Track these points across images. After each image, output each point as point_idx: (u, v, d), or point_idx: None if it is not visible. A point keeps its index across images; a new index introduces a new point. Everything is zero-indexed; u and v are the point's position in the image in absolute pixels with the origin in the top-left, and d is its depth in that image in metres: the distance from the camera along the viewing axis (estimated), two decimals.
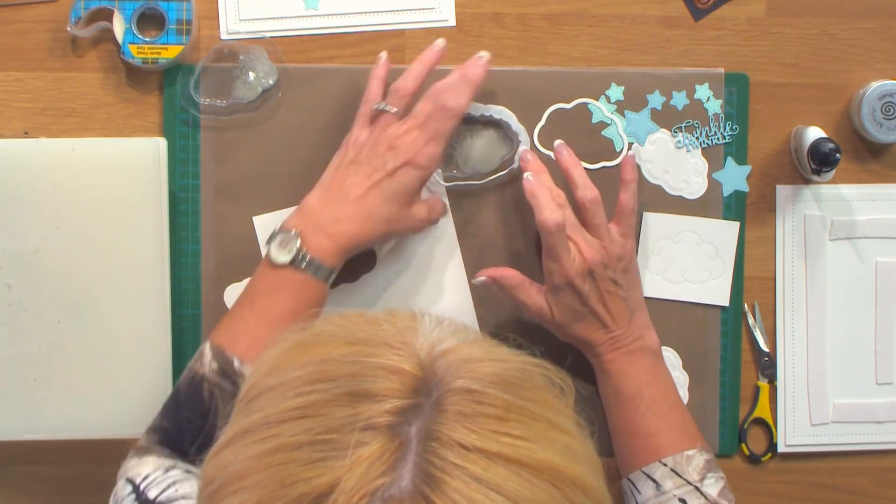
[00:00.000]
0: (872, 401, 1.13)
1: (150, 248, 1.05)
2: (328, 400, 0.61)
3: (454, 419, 0.60)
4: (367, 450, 0.58)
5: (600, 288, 1.01)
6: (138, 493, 0.87)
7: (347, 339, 0.65)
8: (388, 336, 0.65)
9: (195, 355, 0.97)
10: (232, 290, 1.09)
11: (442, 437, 0.59)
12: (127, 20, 1.06)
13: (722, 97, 1.10)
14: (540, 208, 0.99)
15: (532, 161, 1.05)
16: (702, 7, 1.11)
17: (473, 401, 0.61)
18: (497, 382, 0.62)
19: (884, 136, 1.10)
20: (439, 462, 0.58)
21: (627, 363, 1.02)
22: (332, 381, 0.61)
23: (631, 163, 1.05)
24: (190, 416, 0.93)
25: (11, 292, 1.03)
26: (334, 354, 0.64)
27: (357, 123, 1.03)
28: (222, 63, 1.09)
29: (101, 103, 1.09)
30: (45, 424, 1.04)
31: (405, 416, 0.60)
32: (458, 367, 0.63)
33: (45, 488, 1.11)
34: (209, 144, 1.09)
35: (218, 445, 0.65)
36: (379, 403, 0.60)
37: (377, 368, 0.62)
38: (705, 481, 0.97)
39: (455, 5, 1.10)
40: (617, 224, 1.03)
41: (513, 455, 0.60)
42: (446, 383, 0.61)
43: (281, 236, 0.97)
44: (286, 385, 0.63)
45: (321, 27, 1.10)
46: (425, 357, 0.63)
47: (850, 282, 1.13)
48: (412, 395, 0.61)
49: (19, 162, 1.03)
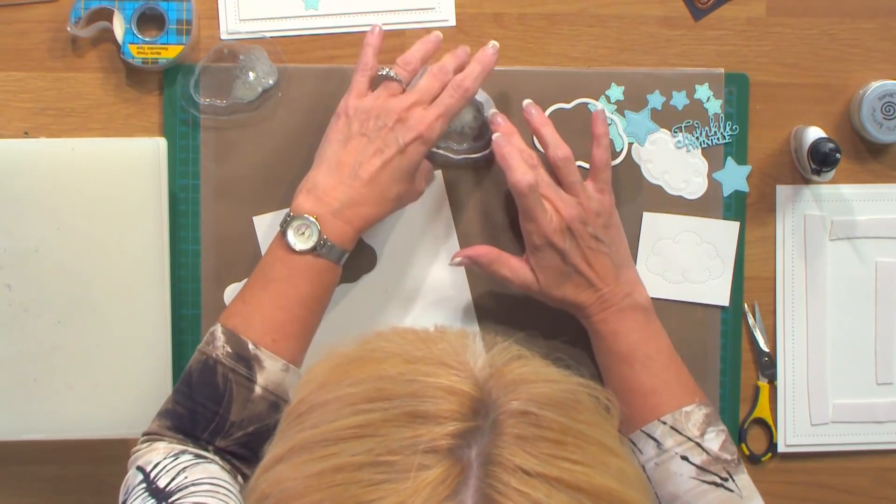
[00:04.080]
0: (872, 401, 1.13)
1: (150, 248, 1.05)
2: (387, 420, 0.61)
3: (513, 443, 0.60)
4: (431, 473, 0.58)
5: (581, 245, 1.00)
6: (149, 483, 0.87)
7: (404, 357, 0.65)
8: (445, 355, 0.65)
9: (205, 338, 0.96)
10: (232, 290, 1.09)
11: (503, 461, 0.59)
12: (127, 20, 1.06)
13: (722, 97, 1.10)
14: (511, 169, 0.98)
15: (502, 123, 1.04)
16: (702, 7, 1.11)
17: (530, 423, 0.61)
18: (551, 404, 0.63)
19: (884, 136, 1.10)
20: (502, 487, 0.59)
21: (618, 322, 1.01)
22: (391, 400, 0.62)
23: (601, 117, 1.03)
24: (204, 402, 0.93)
25: (11, 292, 1.03)
26: (392, 372, 0.64)
27: (354, 91, 1.01)
28: (222, 63, 1.09)
29: (101, 103, 1.09)
30: (45, 424, 1.04)
31: (465, 438, 0.60)
32: (513, 388, 0.63)
33: (45, 488, 1.11)
34: (209, 144, 1.09)
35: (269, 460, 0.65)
36: (440, 426, 0.60)
37: (436, 389, 0.62)
38: (706, 436, 0.96)
39: (455, 5, 1.10)
40: (593, 180, 1.02)
41: (572, 481, 0.60)
42: (502, 405, 0.62)
43: (298, 222, 0.96)
44: (341, 401, 0.63)
45: (321, 27, 1.10)
46: (480, 377, 0.63)
47: (850, 282, 1.12)
48: (471, 417, 0.61)
49: (19, 162, 1.03)
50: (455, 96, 0.99)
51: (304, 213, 0.96)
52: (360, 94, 1.00)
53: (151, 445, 0.92)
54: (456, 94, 0.99)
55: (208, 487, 0.85)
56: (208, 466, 0.88)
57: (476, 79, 1.00)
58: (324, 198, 0.97)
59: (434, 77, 1.00)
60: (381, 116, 0.98)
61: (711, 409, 0.99)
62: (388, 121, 0.97)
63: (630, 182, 1.10)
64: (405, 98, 0.99)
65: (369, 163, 0.97)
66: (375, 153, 0.97)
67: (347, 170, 0.97)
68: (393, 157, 0.97)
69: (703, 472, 0.95)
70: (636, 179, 1.10)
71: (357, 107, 0.99)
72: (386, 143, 0.97)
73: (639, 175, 1.10)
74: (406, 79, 1.01)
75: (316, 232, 0.95)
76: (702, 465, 0.95)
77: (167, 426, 0.94)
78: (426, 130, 0.97)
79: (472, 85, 1.00)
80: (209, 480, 0.86)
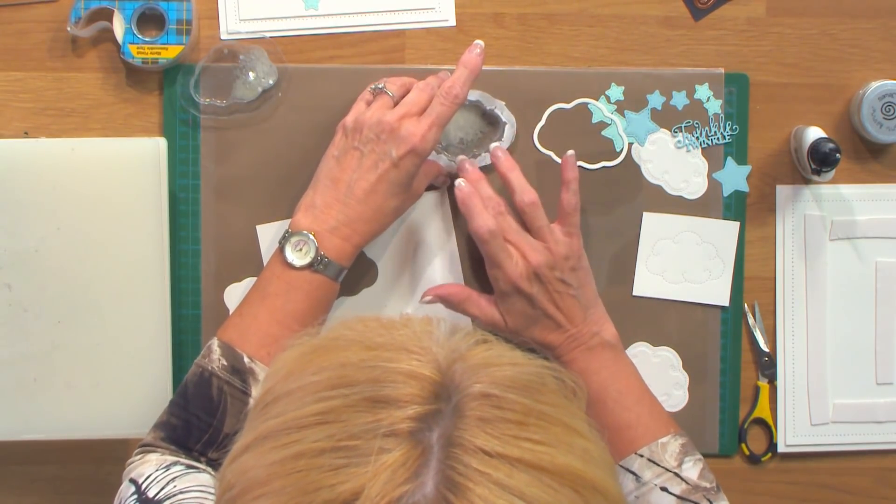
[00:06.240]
0: (872, 401, 1.13)
1: (150, 248, 1.05)
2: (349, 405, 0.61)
3: (475, 425, 0.60)
4: (391, 456, 0.58)
5: (549, 289, 1.00)
6: (140, 494, 0.87)
7: (366, 343, 0.65)
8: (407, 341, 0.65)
9: (202, 352, 0.97)
10: (232, 290, 1.09)
11: (464, 443, 0.59)
12: (127, 20, 1.06)
13: (722, 97, 1.10)
14: (471, 216, 0.99)
15: (470, 170, 1.04)
16: (702, 7, 1.11)
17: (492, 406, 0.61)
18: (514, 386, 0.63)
19: (884, 136, 1.10)
20: (462, 468, 0.58)
21: (588, 360, 1.01)
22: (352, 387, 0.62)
23: (570, 161, 1.03)
24: (198, 413, 0.93)
25: (11, 292, 1.03)
26: (353, 359, 0.64)
27: (352, 111, 1.01)
28: (222, 63, 1.09)
29: (101, 103, 1.09)
30: (45, 424, 1.04)
31: (426, 421, 0.60)
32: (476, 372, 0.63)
33: (45, 488, 1.11)
34: (209, 144, 1.09)
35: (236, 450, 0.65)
36: (400, 409, 0.60)
37: (397, 374, 0.62)
38: (684, 465, 0.97)
39: (455, 5, 1.10)
40: (561, 224, 1.02)
41: (534, 460, 0.60)
42: (465, 388, 0.62)
43: (296, 238, 0.97)
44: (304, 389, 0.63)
45: (321, 27, 1.10)
46: (443, 361, 0.63)
47: (850, 282, 1.12)
48: (432, 400, 0.61)
49: (19, 162, 1.03)
50: (445, 103, 0.99)
51: (301, 230, 0.97)
52: (358, 109, 1.01)
53: (144, 458, 0.93)
54: (446, 101, 0.99)
55: (197, 495, 0.86)
56: (199, 476, 0.89)
57: (465, 83, 0.99)
58: (321, 215, 0.98)
59: (421, 90, 1.00)
60: (373, 129, 0.98)
61: (687, 439, 0.99)
62: (381, 133, 0.98)
63: (630, 182, 1.10)
64: (396, 110, 0.99)
65: (364, 179, 0.98)
66: (369, 168, 0.98)
67: (343, 187, 0.98)
68: (387, 170, 0.97)
69: (684, 501, 0.95)
70: (636, 179, 1.10)
71: (346, 122, 1.00)
72: (379, 157, 0.97)
73: (639, 175, 1.10)
74: (397, 94, 1.01)
75: (313, 248, 0.96)
76: (682, 495, 0.95)
77: (161, 437, 0.94)
78: (419, 141, 0.97)
79: (461, 90, 0.99)
80: (198, 488, 0.86)
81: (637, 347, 1.11)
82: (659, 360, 1.11)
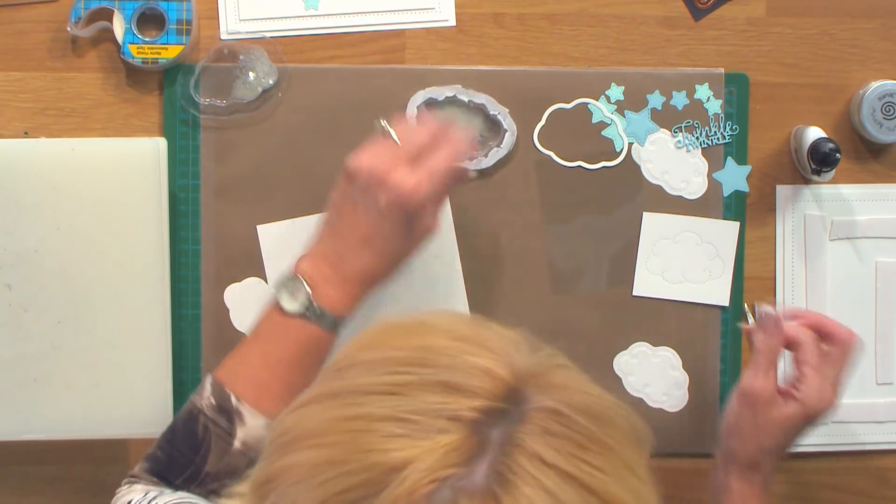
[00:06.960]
0: (872, 401, 1.13)
1: (150, 248, 1.05)
2: (420, 384, 0.62)
3: (538, 433, 0.61)
4: (448, 437, 0.59)
5: None
6: None
7: (452, 333, 0.66)
8: (491, 341, 0.66)
9: (197, 388, 0.94)
10: (232, 290, 1.09)
11: (524, 445, 0.60)
12: (127, 20, 1.06)
13: (722, 97, 1.10)
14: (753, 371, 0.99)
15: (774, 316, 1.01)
16: (702, 7, 1.11)
17: (559, 422, 0.62)
18: (584, 412, 0.63)
19: (884, 136, 1.10)
20: (516, 467, 0.59)
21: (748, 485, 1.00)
22: (428, 368, 0.63)
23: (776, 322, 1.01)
24: (182, 449, 0.92)
25: (11, 292, 1.03)
26: (436, 344, 0.65)
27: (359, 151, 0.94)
28: (222, 63, 1.09)
29: (101, 103, 1.09)
30: (45, 424, 1.04)
31: (491, 417, 0.61)
32: (550, 388, 0.64)
33: (45, 488, 1.11)
34: (209, 144, 1.09)
35: (300, 400, 0.66)
36: (469, 399, 0.61)
37: (475, 367, 0.63)
38: None
39: (455, 5, 1.10)
40: None
41: (587, 481, 0.60)
42: (536, 400, 0.63)
43: (291, 283, 0.93)
44: (381, 362, 0.65)
45: (321, 27, 1.10)
46: (521, 370, 0.64)
47: (850, 282, 1.12)
48: (502, 399, 0.62)
49: (19, 162, 1.03)
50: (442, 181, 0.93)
51: (297, 275, 0.93)
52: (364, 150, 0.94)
53: (131, 487, 0.93)
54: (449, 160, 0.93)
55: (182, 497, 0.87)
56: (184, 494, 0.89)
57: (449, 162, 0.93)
58: (320, 263, 0.94)
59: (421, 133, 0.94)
60: (365, 177, 0.92)
61: None
62: (371, 182, 0.92)
63: (630, 182, 1.10)
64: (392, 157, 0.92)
65: (357, 230, 0.93)
66: (362, 218, 0.93)
67: (339, 236, 0.94)
68: (376, 221, 0.92)
69: None
70: (636, 179, 1.10)
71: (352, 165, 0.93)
72: (368, 208, 0.92)
73: (639, 175, 1.10)
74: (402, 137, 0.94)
75: (304, 295, 0.92)
76: None
77: (146, 469, 0.93)
78: (410, 191, 0.91)
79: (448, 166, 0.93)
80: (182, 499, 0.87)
81: (637, 347, 1.11)
82: (659, 360, 1.11)
